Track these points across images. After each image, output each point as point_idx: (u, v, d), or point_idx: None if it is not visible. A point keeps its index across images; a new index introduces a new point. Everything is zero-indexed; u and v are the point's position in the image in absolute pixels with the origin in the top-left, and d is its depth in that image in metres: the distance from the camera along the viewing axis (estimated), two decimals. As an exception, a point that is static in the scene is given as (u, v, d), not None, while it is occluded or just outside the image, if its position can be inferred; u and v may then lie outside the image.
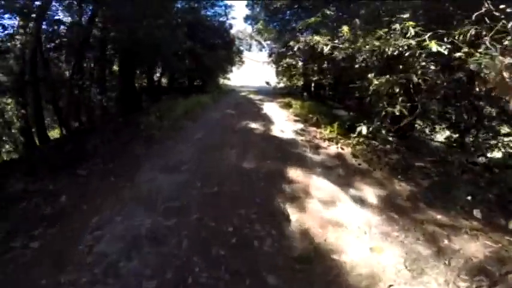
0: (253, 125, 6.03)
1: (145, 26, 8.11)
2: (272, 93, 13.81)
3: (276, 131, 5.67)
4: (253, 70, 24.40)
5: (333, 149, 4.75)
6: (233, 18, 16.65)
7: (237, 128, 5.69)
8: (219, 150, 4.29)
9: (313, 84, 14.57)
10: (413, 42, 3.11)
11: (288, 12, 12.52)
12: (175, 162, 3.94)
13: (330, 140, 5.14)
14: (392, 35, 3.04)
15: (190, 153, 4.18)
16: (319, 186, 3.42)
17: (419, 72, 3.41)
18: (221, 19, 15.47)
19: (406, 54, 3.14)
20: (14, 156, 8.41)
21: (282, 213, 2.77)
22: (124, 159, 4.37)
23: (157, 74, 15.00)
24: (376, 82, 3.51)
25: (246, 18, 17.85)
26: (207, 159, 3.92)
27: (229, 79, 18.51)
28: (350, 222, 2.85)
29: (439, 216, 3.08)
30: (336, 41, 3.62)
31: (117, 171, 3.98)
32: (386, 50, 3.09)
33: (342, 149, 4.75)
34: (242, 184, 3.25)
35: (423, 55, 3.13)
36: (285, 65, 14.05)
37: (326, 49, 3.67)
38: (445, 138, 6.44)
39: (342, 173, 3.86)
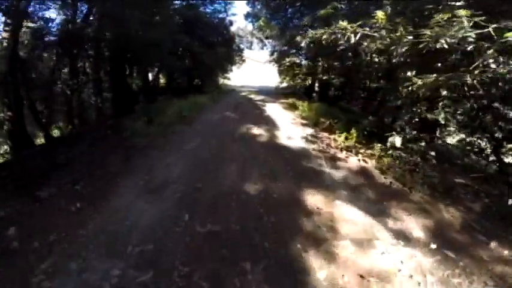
0: (255, 131, 5.20)
1: (139, 23, 7.59)
2: (274, 93, 13.04)
3: (283, 137, 4.84)
4: (254, 70, 23.59)
5: (354, 161, 3.93)
6: (233, 14, 15.82)
7: (237, 135, 4.85)
8: (215, 165, 3.45)
9: (317, 84, 13.81)
10: (472, 34, 2.32)
11: (290, 10, 11.89)
12: (159, 182, 3.11)
13: (347, 149, 4.31)
14: (455, 23, 2.22)
15: (179, 169, 3.35)
16: (348, 217, 2.59)
17: (476, 71, 2.58)
18: (221, 16, 14.64)
19: (469, 48, 2.33)
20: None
21: (304, 266, 1.94)
22: (98, 176, 3.54)
23: (154, 74, 14.20)
24: (419, 82, 2.69)
25: (247, 16, 17.01)
26: (199, 179, 3.07)
27: (229, 79, 17.63)
28: (397, 270, 2.09)
29: (505, 252, 2.45)
30: (367, 29, 2.81)
31: (86, 193, 3.15)
32: (442, 41, 2.27)
33: (365, 161, 3.93)
34: (245, 218, 2.41)
35: (490, 50, 2.31)
36: (287, 63, 13.29)
37: (354, 38, 2.85)
38: (457, 141, 5.75)
39: (372, 196, 3.04)
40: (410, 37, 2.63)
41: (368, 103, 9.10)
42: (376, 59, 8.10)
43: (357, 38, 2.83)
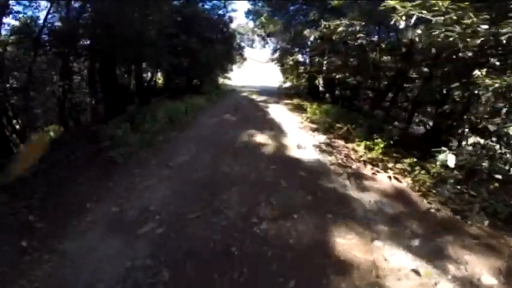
0: (259, 138, 4.43)
1: (134, 21, 7.16)
2: (277, 94, 12.30)
3: (292, 147, 4.07)
4: (255, 69, 22.88)
5: (384, 179, 3.15)
6: (233, 10, 15.00)
7: (238, 144, 4.07)
8: (210, 191, 2.62)
9: (322, 83, 13.05)
10: None
11: (292, 7, 11.26)
12: (134, 213, 2.35)
13: (372, 163, 3.54)
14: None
15: (162, 195, 2.58)
16: (395, 265, 1.84)
17: None
18: (220, 12, 13.84)
19: None
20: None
21: None
22: (62, 200, 2.79)
23: (150, 73, 13.50)
24: (496, 85, 1.93)
25: (248, 13, 16.27)
26: (187, 212, 2.29)
27: (229, 79, 16.83)
28: None
29: None
30: (424, 12, 2.03)
31: (40, 225, 2.40)
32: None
33: (397, 179, 3.15)
34: (252, 282, 1.63)
35: None
36: (290, 62, 12.56)
37: (405, 23, 2.08)
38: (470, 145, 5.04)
39: (419, 230, 2.28)
40: (485, 26, 1.88)
41: (376, 104, 8.39)
42: (385, 57, 7.34)
43: (412, 22, 2.05)
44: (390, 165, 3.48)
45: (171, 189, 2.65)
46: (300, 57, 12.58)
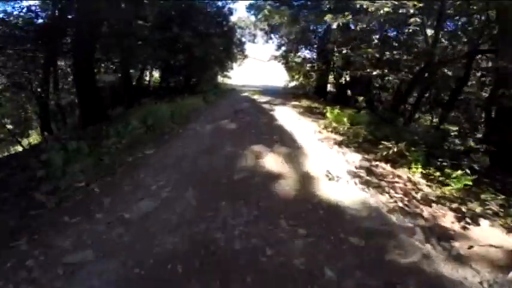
0: (269, 161, 3.11)
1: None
2: (282, 94, 11.08)
3: (319, 176, 2.75)
4: (256, 68, 21.70)
5: (480, 234, 1.88)
6: (233, 1, 13.72)
7: (237, 174, 2.72)
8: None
9: (329, 83, 11.84)
10: None
11: (296, 4, 10.23)
12: None
13: (448, 205, 2.27)
14: None
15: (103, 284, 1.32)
16: None
17: None
18: (219, 3, 12.55)
19: None
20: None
21: None
22: None
23: (146, 72, 12.35)
24: None
25: (249, 8, 15.05)
26: None
27: (229, 77, 15.59)
28: None
29: None
30: None
31: None
32: None
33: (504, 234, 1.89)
34: None
35: None
36: (297, 59, 11.32)
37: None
38: None
39: None
40: None
41: (394, 106, 7.24)
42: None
43: None
44: (477, 208, 2.21)
45: (116, 277, 1.37)
46: (307, 54, 11.35)
